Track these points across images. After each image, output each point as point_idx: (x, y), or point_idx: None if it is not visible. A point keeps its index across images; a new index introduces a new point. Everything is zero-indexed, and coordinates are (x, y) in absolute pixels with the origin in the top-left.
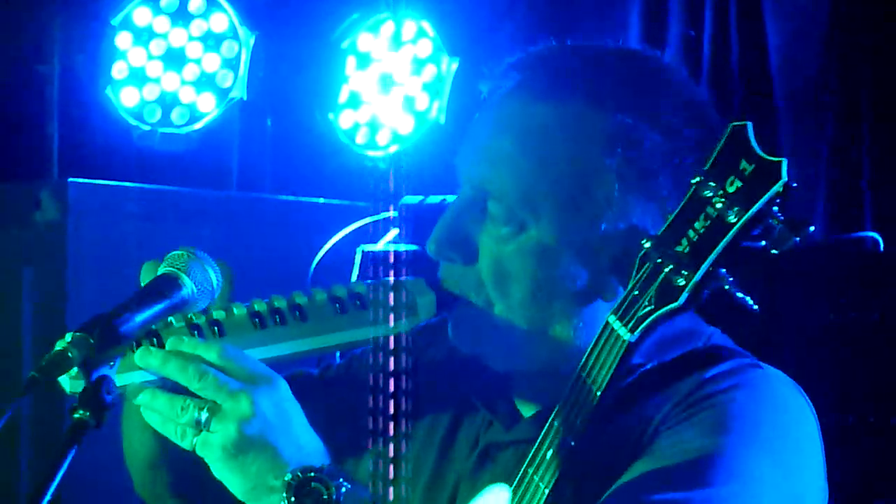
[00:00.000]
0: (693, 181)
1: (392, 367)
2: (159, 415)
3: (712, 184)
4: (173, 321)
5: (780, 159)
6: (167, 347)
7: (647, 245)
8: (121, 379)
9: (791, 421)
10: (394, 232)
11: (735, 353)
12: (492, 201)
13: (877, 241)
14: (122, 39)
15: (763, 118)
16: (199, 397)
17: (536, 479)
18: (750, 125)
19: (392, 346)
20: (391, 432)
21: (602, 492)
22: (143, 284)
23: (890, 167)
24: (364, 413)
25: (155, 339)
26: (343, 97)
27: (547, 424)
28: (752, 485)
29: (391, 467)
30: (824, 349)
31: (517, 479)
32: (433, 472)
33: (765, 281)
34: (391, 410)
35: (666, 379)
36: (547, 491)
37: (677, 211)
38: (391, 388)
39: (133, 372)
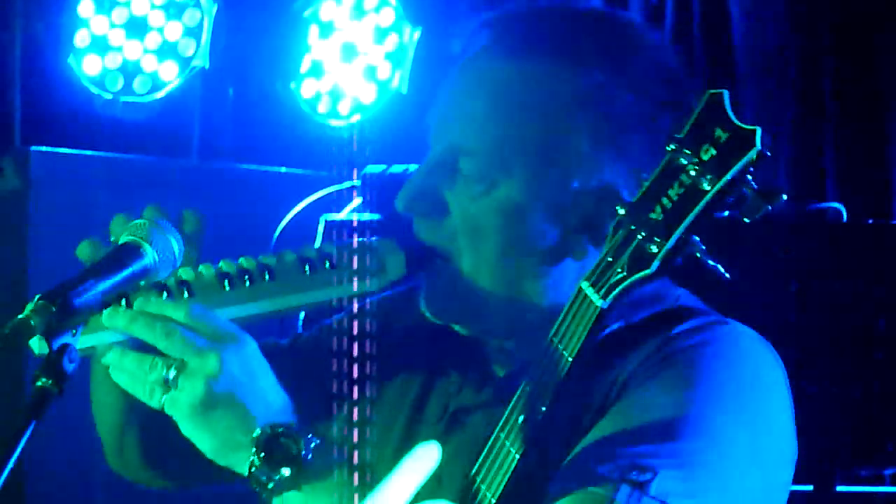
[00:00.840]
0: (668, 148)
1: (361, 327)
2: (127, 374)
3: (687, 151)
4: (141, 282)
5: (753, 127)
6: (134, 307)
7: (622, 212)
8: (89, 339)
9: (759, 374)
10: (357, 201)
11: (703, 311)
12: (463, 159)
13: (840, 212)
14: (85, 7)
15: (725, 86)
16: (167, 356)
17: (508, 444)
18: (726, 93)
19: (361, 305)
20: (358, 393)
21: (569, 454)
22: (112, 235)
23: (852, 136)
24: (335, 379)
25: (123, 300)
26: (305, 66)
27: (519, 390)
28: (720, 438)
29: (357, 428)
30: (786, 318)
31: (489, 443)
32: (402, 437)
33: (729, 250)
34: (359, 371)
35: (633, 338)
36: (518, 456)
37: (652, 178)
38: (359, 349)
39: (101, 332)
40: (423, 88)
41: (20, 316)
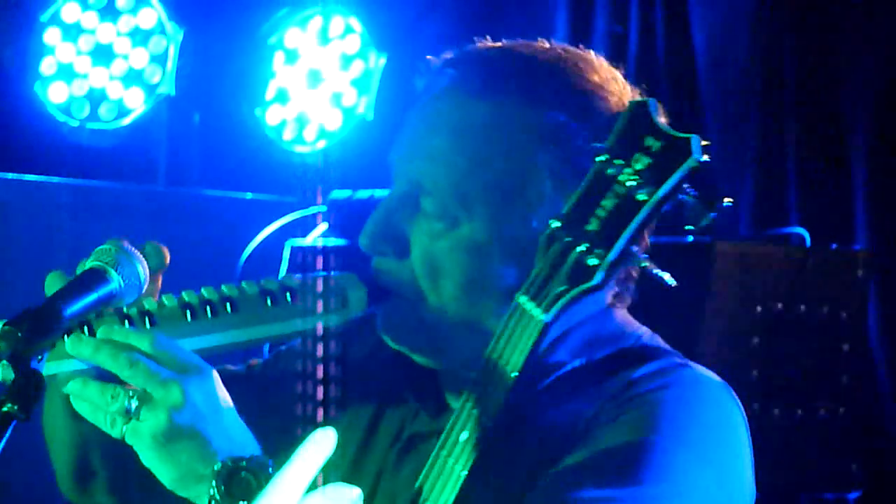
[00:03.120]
0: (597, 159)
1: (321, 359)
2: (89, 403)
3: (618, 161)
4: (104, 311)
5: (689, 135)
6: (98, 336)
7: (555, 224)
8: (50, 367)
9: (720, 420)
10: (322, 227)
11: (664, 352)
12: (425, 197)
13: (803, 237)
14: (51, 35)
15: (690, 115)
16: (129, 386)
17: (451, 462)
18: (652, 101)
19: (322, 339)
20: (314, 420)
21: (524, 482)
22: (47, 293)
23: (816, 162)
24: (291, 407)
25: (86, 328)
26: (270, 93)
27: (458, 407)
28: (681, 483)
29: None
30: (752, 341)
31: (428, 464)
32: (353, 464)
33: (694, 275)
34: (315, 397)
35: (594, 377)
36: (464, 474)
37: (582, 189)
38: (319, 380)
39: (63, 360)
40: (389, 115)
41: None
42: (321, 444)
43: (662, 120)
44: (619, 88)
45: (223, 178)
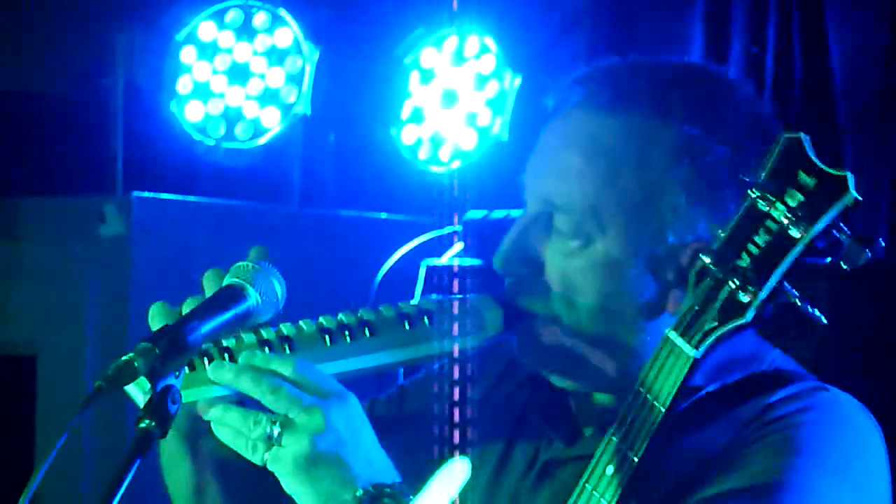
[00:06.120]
0: (751, 194)
1: (457, 383)
2: (230, 430)
3: (771, 197)
4: (244, 337)
5: (844, 173)
6: (240, 362)
7: (707, 259)
8: (191, 395)
9: (860, 444)
10: (458, 246)
11: (799, 375)
12: (558, 215)
13: None
14: (187, 54)
15: (826, 134)
16: (271, 412)
17: (597, 495)
18: (806, 137)
19: (457, 362)
20: (449, 447)
21: None
22: (206, 292)
23: None
24: (419, 442)
25: (227, 355)
26: (406, 113)
27: (605, 439)
28: None
29: None
30: (889, 366)
31: (575, 494)
32: (486, 491)
33: (827, 299)
34: (453, 426)
35: (730, 402)
36: None
37: (733, 224)
38: (454, 404)
39: (203, 387)
40: (524, 135)
41: (124, 358)
42: (455, 474)
43: (815, 155)
44: (751, 102)
45: (358, 198)
